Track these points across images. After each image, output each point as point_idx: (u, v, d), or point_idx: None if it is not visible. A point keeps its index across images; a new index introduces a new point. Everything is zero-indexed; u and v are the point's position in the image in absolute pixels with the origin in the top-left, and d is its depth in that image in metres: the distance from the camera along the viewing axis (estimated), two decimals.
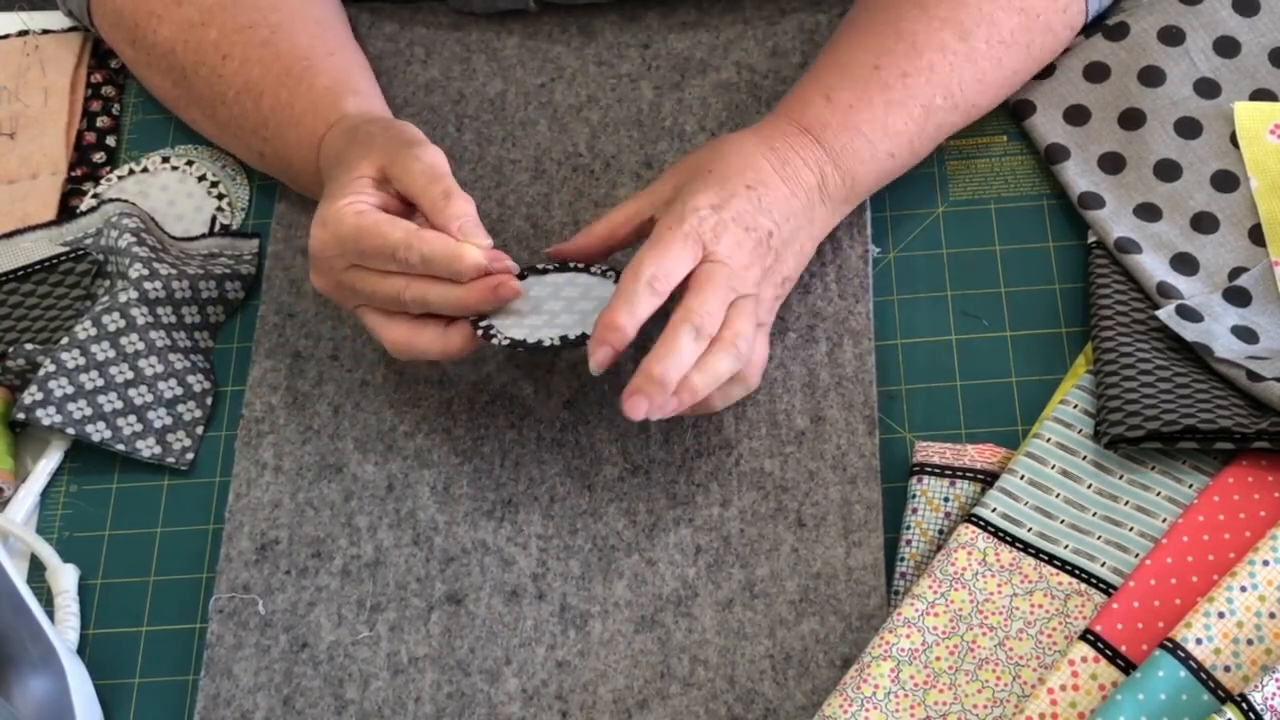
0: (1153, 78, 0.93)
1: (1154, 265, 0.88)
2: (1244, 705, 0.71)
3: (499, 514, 0.86)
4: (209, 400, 0.92)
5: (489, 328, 0.81)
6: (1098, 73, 0.94)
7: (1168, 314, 0.85)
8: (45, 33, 1.06)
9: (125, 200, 0.98)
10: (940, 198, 0.94)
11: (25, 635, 0.80)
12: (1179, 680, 0.73)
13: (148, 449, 0.90)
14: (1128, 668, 0.75)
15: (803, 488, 0.85)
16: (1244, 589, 0.75)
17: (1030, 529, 0.81)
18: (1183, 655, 0.73)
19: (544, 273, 0.85)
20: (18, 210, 0.99)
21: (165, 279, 0.92)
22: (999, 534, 0.80)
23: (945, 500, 0.83)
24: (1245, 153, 0.90)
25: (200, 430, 0.91)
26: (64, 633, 0.84)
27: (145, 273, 0.92)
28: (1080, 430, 0.83)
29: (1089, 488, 0.82)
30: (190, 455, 0.90)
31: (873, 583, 0.82)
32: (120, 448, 0.90)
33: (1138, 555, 0.79)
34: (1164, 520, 0.80)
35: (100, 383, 0.90)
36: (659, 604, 0.83)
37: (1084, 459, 0.82)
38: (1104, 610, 0.77)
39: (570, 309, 0.82)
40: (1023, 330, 0.89)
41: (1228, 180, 0.90)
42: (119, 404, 0.90)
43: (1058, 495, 0.81)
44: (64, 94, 1.04)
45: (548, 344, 0.80)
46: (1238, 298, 0.86)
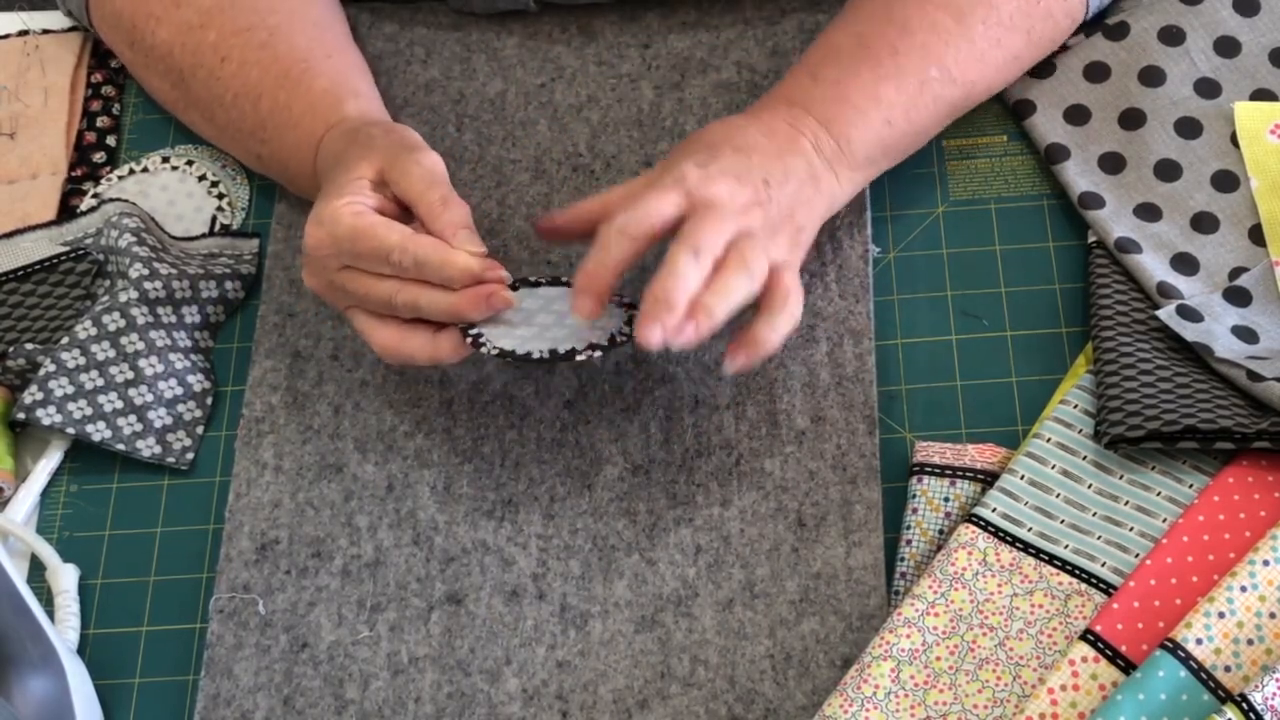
0: (1153, 78, 0.93)
1: (1154, 265, 0.88)
2: (1244, 705, 0.71)
3: (499, 514, 0.86)
4: (209, 400, 0.92)
5: (479, 336, 0.81)
6: (1098, 72, 0.94)
7: (1168, 314, 0.85)
8: (45, 33, 1.06)
9: (125, 200, 0.98)
10: (940, 198, 0.94)
11: (25, 635, 0.80)
12: (1179, 680, 0.73)
13: (148, 449, 0.90)
14: (1128, 668, 0.75)
15: (803, 488, 0.85)
16: (1244, 589, 0.75)
17: (1030, 529, 0.80)
18: (1183, 655, 0.73)
19: (536, 285, 0.85)
20: (18, 210, 0.99)
21: (165, 279, 0.92)
22: (999, 534, 0.80)
23: (945, 500, 0.83)
24: (1245, 153, 0.90)
25: (200, 430, 0.91)
26: (64, 633, 0.84)
27: (145, 272, 0.92)
28: (1080, 430, 0.83)
29: (1089, 488, 0.82)
30: (190, 455, 0.90)
31: (873, 583, 0.82)
32: (120, 447, 0.89)
33: (1138, 555, 0.79)
34: (1164, 520, 0.80)
35: (100, 382, 0.90)
36: (659, 604, 0.82)
37: (1084, 459, 0.82)
38: (1104, 610, 0.77)
39: (560, 323, 0.82)
40: (1023, 330, 0.89)
41: (1228, 180, 0.90)
42: (119, 404, 0.90)
43: (1058, 495, 0.81)
44: (64, 94, 1.04)
45: (536, 356, 0.80)
46: (1238, 298, 0.86)
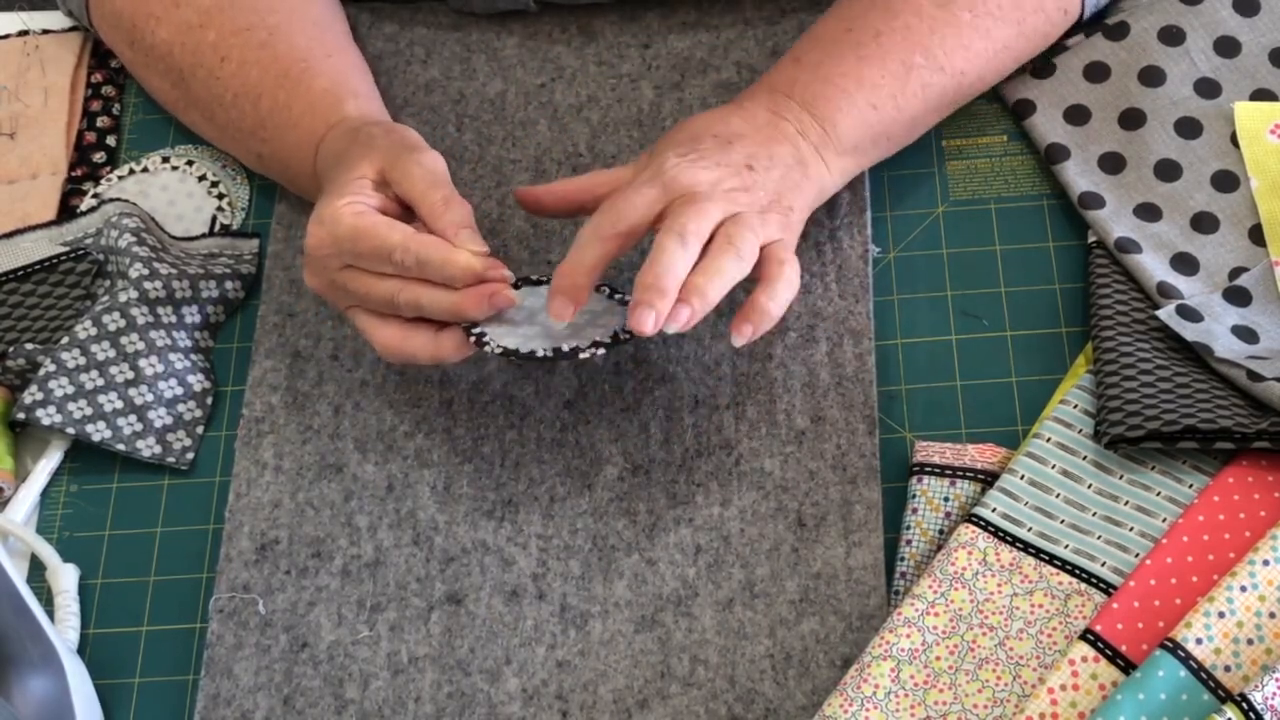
0: (1153, 78, 0.93)
1: (1154, 265, 0.88)
2: (1244, 705, 0.71)
3: (499, 514, 0.86)
4: (209, 400, 0.92)
5: (482, 334, 0.81)
6: (1098, 72, 0.94)
7: (1168, 314, 0.85)
8: (45, 33, 1.06)
9: (125, 200, 0.98)
10: (940, 198, 0.94)
11: (25, 635, 0.80)
12: (1179, 680, 0.73)
13: (148, 449, 0.90)
14: (1128, 667, 0.75)
15: (803, 488, 0.85)
16: (1244, 589, 0.75)
17: (1030, 529, 0.80)
18: (1183, 655, 0.73)
19: (538, 283, 0.85)
20: (18, 210, 0.99)
21: (165, 279, 0.92)
22: (999, 534, 0.80)
23: (945, 500, 0.83)
24: (1245, 153, 0.90)
25: (200, 430, 0.91)
26: (64, 633, 0.84)
27: (145, 272, 0.92)
28: (1080, 430, 0.83)
29: (1089, 488, 0.82)
30: (190, 455, 0.90)
31: (873, 583, 0.82)
32: (120, 447, 0.89)
33: (1138, 555, 0.79)
34: (1164, 520, 0.80)
35: (100, 382, 0.90)
36: (659, 604, 0.82)
37: (1084, 459, 0.82)
38: (1104, 610, 0.77)
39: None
40: (1023, 330, 0.89)
41: (1228, 180, 0.90)
42: (119, 404, 0.90)
43: (1058, 495, 0.81)
44: (64, 94, 1.04)
45: (540, 355, 0.80)
46: (1238, 298, 0.86)
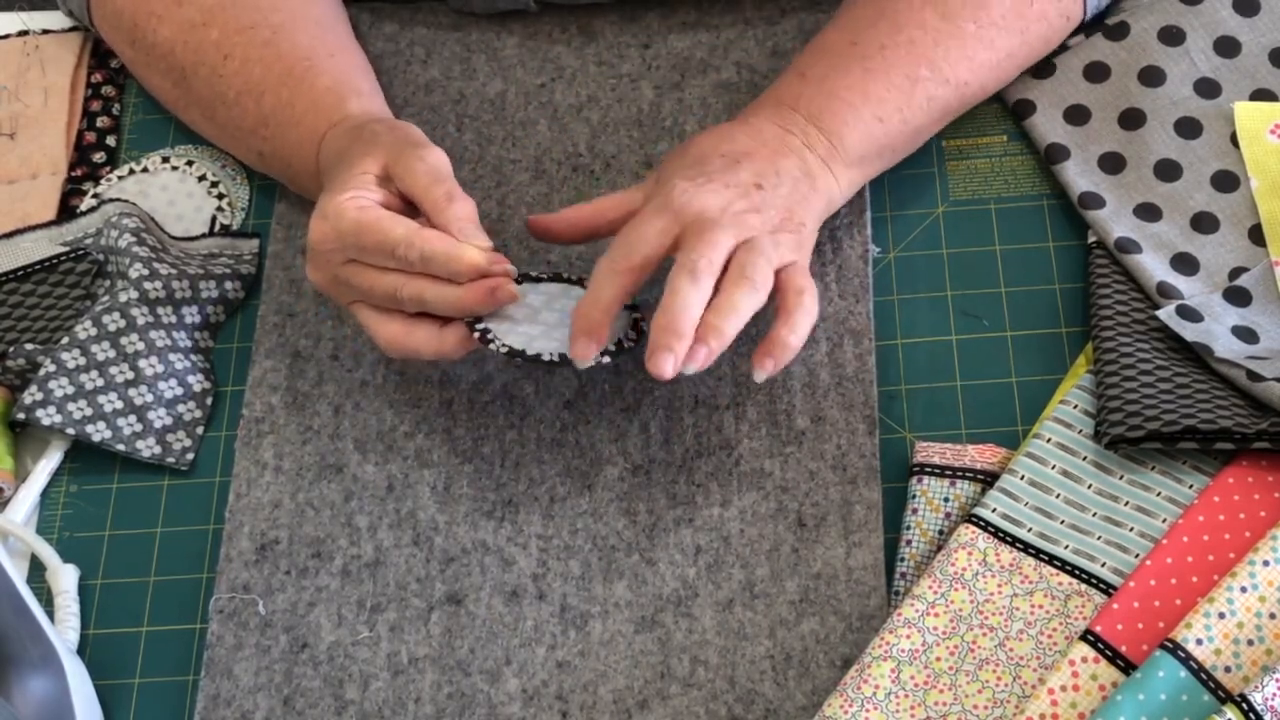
0: (1153, 78, 0.93)
1: (1154, 265, 0.88)
2: (1244, 705, 0.71)
3: (499, 514, 0.86)
4: (209, 400, 0.92)
5: (486, 331, 0.81)
6: (1098, 72, 0.94)
7: (1168, 314, 0.85)
8: (45, 33, 1.06)
9: (125, 200, 0.98)
10: (940, 198, 0.94)
11: (25, 635, 0.80)
12: (1179, 680, 0.73)
13: (148, 449, 0.90)
14: (1128, 668, 0.75)
15: (803, 488, 0.85)
16: (1244, 589, 0.75)
17: (1030, 529, 0.80)
18: (1183, 655, 0.73)
19: (539, 280, 0.85)
20: (18, 210, 0.99)
21: (165, 279, 0.92)
22: (999, 534, 0.80)
23: (945, 500, 0.83)
24: (1245, 153, 0.90)
25: (200, 430, 0.91)
26: (64, 633, 0.84)
27: (145, 273, 0.92)
28: (1080, 430, 0.83)
29: (1089, 488, 0.82)
30: (190, 455, 0.90)
31: (873, 583, 0.82)
32: (120, 448, 0.89)
33: (1138, 555, 0.79)
34: (1164, 520, 0.80)
35: (100, 383, 0.90)
36: (659, 604, 0.82)
37: (1084, 459, 0.82)
38: (1104, 610, 0.77)
39: (564, 322, 0.82)
40: (1023, 330, 0.89)
41: (1228, 180, 0.90)
42: (119, 404, 0.90)
43: (1058, 495, 0.81)
44: (64, 94, 1.03)
45: (546, 358, 0.80)
46: (1238, 298, 0.86)
